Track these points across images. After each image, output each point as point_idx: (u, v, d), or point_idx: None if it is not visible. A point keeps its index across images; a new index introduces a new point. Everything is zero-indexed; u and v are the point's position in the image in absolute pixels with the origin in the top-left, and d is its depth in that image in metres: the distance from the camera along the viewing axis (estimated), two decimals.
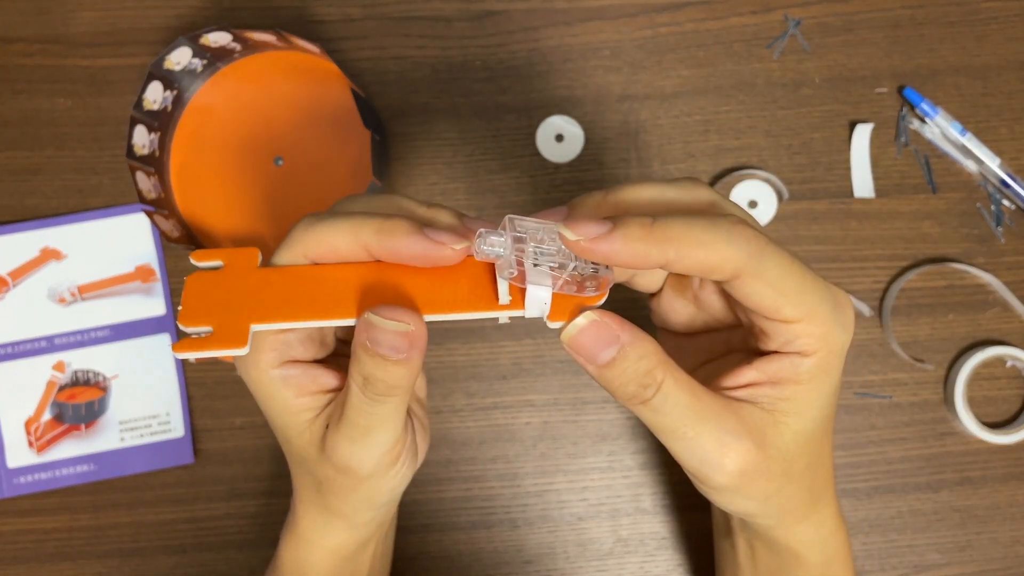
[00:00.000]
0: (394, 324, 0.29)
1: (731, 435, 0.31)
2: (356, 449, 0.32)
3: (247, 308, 0.30)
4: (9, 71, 0.54)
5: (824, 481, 0.36)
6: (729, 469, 0.31)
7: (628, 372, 0.30)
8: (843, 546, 0.38)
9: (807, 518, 0.36)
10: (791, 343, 0.31)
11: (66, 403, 0.52)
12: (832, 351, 0.31)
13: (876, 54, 0.54)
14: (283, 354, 0.32)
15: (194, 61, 0.51)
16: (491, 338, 0.53)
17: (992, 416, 0.53)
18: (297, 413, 0.33)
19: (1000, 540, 0.52)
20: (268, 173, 0.53)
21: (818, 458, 0.34)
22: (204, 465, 0.53)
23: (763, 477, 0.32)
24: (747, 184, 0.53)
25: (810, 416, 0.32)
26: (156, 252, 0.53)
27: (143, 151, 0.51)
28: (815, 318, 0.30)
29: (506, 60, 0.54)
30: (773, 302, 0.30)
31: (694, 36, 0.54)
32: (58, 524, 0.52)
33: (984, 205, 0.54)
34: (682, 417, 0.30)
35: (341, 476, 0.33)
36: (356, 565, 0.41)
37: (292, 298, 0.30)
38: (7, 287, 0.53)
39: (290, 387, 0.32)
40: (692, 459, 0.31)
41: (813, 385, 0.31)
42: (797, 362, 0.31)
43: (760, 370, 0.32)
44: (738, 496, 0.32)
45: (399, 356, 0.29)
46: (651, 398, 0.30)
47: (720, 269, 0.29)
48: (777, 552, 0.38)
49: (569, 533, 0.52)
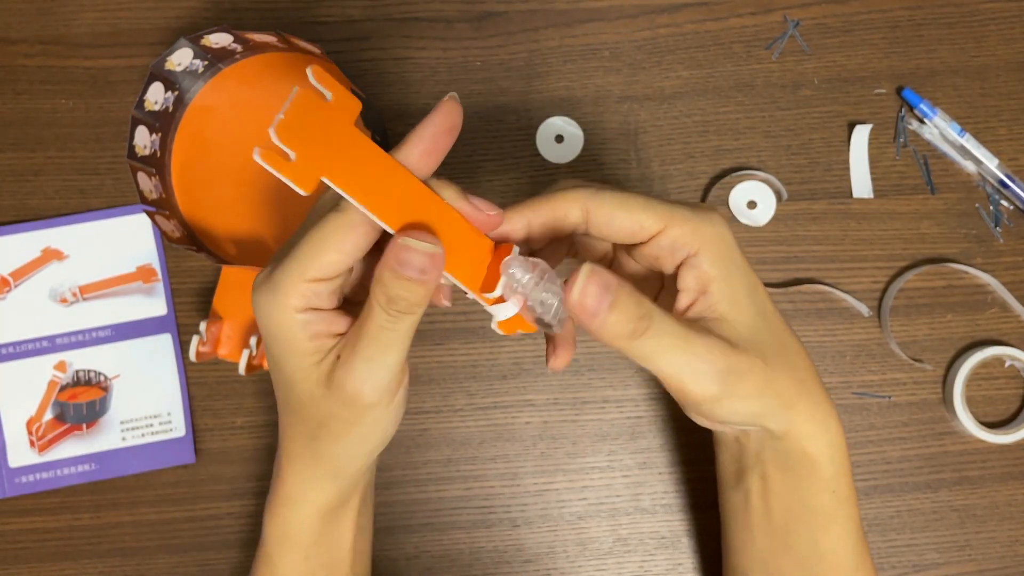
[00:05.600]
0: (425, 245, 0.33)
1: (711, 340, 0.35)
2: (371, 370, 0.35)
3: (328, 157, 0.32)
4: (11, 72, 0.55)
5: (802, 363, 0.39)
6: (719, 369, 0.35)
7: (628, 311, 0.34)
8: (846, 456, 0.41)
9: (811, 413, 0.39)
10: (677, 251, 0.36)
11: (67, 403, 0.53)
12: (713, 239, 0.36)
13: (875, 55, 0.54)
14: (309, 301, 0.35)
15: (195, 62, 0.51)
16: (491, 338, 0.53)
17: (991, 416, 0.53)
18: (306, 355, 0.35)
19: (998, 539, 0.52)
20: (269, 174, 0.53)
21: (782, 342, 0.38)
22: (205, 465, 0.53)
23: (749, 373, 0.36)
24: (746, 185, 0.53)
25: (744, 305, 0.37)
26: (157, 252, 0.54)
27: (144, 152, 0.51)
28: (675, 220, 0.36)
29: (506, 61, 0.54)
30: (631, 223, 0.36)
31: (693, 37, 0.55)
32: (59, 523, 0.52)
33: (983, 205, 0.54)
34: (674, 337, 0.35)
35: (345, 409, 0.36)
36: (339, 530, 0.41)
37: (363, 175, 0.33)
38: (9, 287, 0.53)
39: (307, 330, 0.35)
40: (688, 371, 0.35)
41: (725, 275, 0.36)
42: (695, 264, 0.36)
43: (684, 290, 0.37)
44: (736, 399, 0.36)
45: (423, 277, 0.33)
46: (647, 329, 0.34)
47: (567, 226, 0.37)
48: (792, 468, 0.40)
49: (569, 532, 0.53)
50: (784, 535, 0.41)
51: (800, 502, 0.40)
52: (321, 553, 0.42)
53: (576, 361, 0.53)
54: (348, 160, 0.32)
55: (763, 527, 0.42)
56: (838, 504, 0.40)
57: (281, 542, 0.41)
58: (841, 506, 0.41)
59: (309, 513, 0.40)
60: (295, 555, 0.41)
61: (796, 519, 0.41)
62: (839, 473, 0.40)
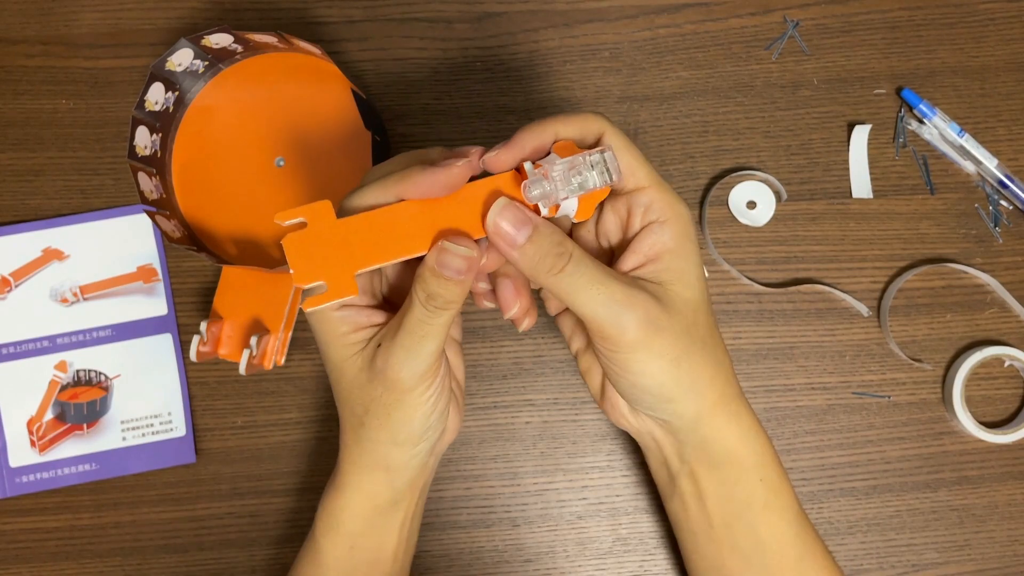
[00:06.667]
0: (461, 249, 0.36)
1: (635, 290, 0.37)
2: (409, 357, 0.37)
3: (343, 257, 0.36)
4: (11, 72, 0.55)
5: (725, 364, 0.41)
6: (639, 314, 0.37)
7: (545, 246, 0.37)
8: (768, 445, 0.42)
9: (723, 407, 0.40)
10: (649, 210, 0.39)
11: (68, 403, 0.53)
12: (682, 218, 0.39)
13: (874, 55, 0.55)
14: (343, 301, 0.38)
15: (196, 62, 0.51)
16: (491, 337, 0.53)
17: (990, 416, 0.53)
18: (350, 345, 0.39)
19: (998, 539, 0.52)
20: (269, 174, 0.53)
21: (712, 336, 0.40)
22: (205, 464, 0.53)
23: (667, 332, 0.38)
24: (746, 185, 0.53)
25: (689, 282, 0.39)
26: (158, 252, 0.54)
27: (145, 152, 0.51)
28: (660, 186, 0.39)
29: (506, 61, 0.54)
30: (627, 166, 0.38)
31: (693, 38, 0.55)
32: (60, 523, 0.52)
33: (982, 205, 0.54)
34: (594, 276, 0.37)
35: (387, 392, 0.38)
36: (387, 527, 0.43)
37: (373, 241, 0.37)
38: (9, 287, 0.53)
39: (347, 323, 0.39)
40: (607, 311, 0.37)
41: (681, 251, 0.39)
42: (659, 231, 0.38)
43: (637, 252, 0.39)
44: (651, 354, 0.38)
45: (459, 277, 0.36)
46: (566, 265, 0.37)
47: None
48: (716, 465, 0.41)
49: (569, 532, 0.53)
50: (726, 534, 0.42)
51: (731, 496, 0.41)
52: (367, 547, 0.43)
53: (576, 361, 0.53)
54: (358, 245, 0.36)
55: (706, 531, 0.42)
56: (770, 492, 0.41)
57: (328, 529, 0.43)
58: (774, 495, 0.41)
59: (359, 502, 0.42)
60: (341, 543, 0.42)
61: (732, 515, 0.41)
62: (762, 462, 0.41)
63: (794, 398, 0.53)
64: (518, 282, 0.40)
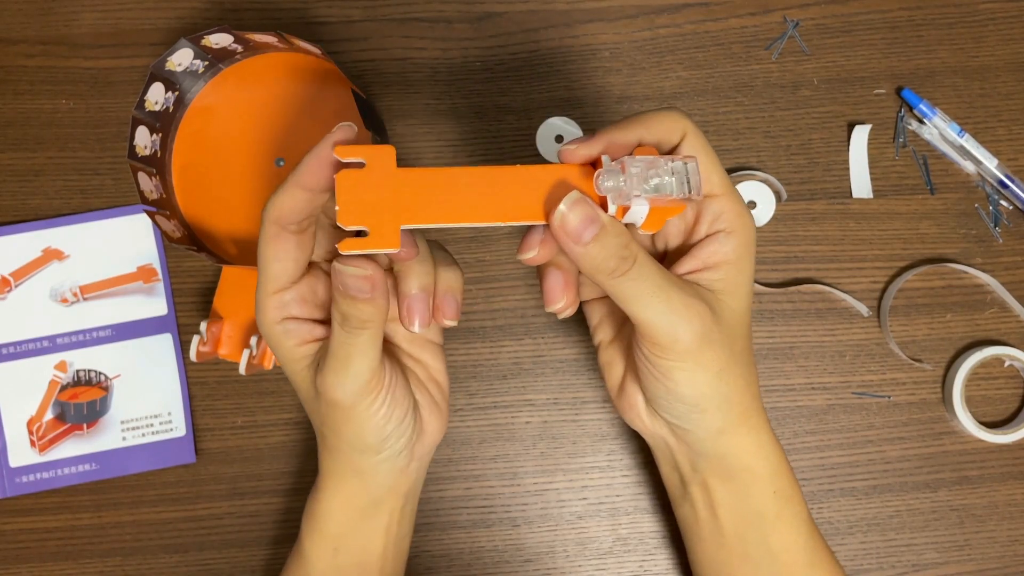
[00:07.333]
0: (355, 270, 0.34)
1: (693, 298, 0.36)
2: (339, 379, 0.36)
3: (393, 208, 0.34)
4: (11, 72, 0.55)
5: (753, 379, 0.40)
6: (695, 327, 0.36)
7: (611, 247, 0.35)
8: (782, 457, 0.42)
9: (745, 420, 0.40)
10: (718, 219, 0.38)
11: (68, 403, 0.53)
12: (748, 231, 0.38)
13: (874, 55, 0.55)
14: (282, 312, 0.37)
15: (195, 62, 0.51)
16: (491, 338, 0.53)
17: (990, 416, 0.53)
18: (298, 360, 0.38)
19: (998, 539, 0.52)
20: (269, 174, 0.53)
21: (748, 350, 0.40)
22: (205, 464, 0.53)
23: (716, 345, 0.37)
24: (746, 185, 0.53)
25: (741, 295, 0.38)
26: (158, 252, 0.54)
27: (145, 152, 0.51)
28: (733, 196, 0.38)
29: (506, 61, 0.55)
30: (704, 171, 0.37)
31: (693, 38, 0.55)
32: (60, 523, 0.52)
33: (982, 205, 0.54)
34: (656, 283, 0.36)
35: (332, 410, 0.38)
36: (370, 529, 0.42)
37: (427, 200, 0.34)
38: (9, 287, 0.53)
39: (291, 337, 0.38)
40: (665, 320, 0.36)
41: (740, 264, 0.38)
42: (724, 240, 0.37)
43: (697, 257, 0.38)
44: (698, 365, 0.37)
45: (365, 296, 0.35)
46: (629, 269, 0.35)
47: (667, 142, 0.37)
48: (731, 476, 0.41)
49: (569, 532, 0.53)
50: (737, 543, 0.42)
51: (744, 507, 0.41)
52: (351, 550, 0.42)
53: (576, 361, 0.53)
54: (411, 200, 0.34)
55: (716, 538, 0.42)
56: (782, 503, 0.41)
57: (312, 532, 0.43)
58: (786, 504, 0.41)
59: (338, 505, 0.42)
60: (325, 546, 0.42)
61: (744, 524, 0.41)
62: (776, 473, 0.41)
63: (794, 398, 0.53)
64: (569, 276, 0.39)
